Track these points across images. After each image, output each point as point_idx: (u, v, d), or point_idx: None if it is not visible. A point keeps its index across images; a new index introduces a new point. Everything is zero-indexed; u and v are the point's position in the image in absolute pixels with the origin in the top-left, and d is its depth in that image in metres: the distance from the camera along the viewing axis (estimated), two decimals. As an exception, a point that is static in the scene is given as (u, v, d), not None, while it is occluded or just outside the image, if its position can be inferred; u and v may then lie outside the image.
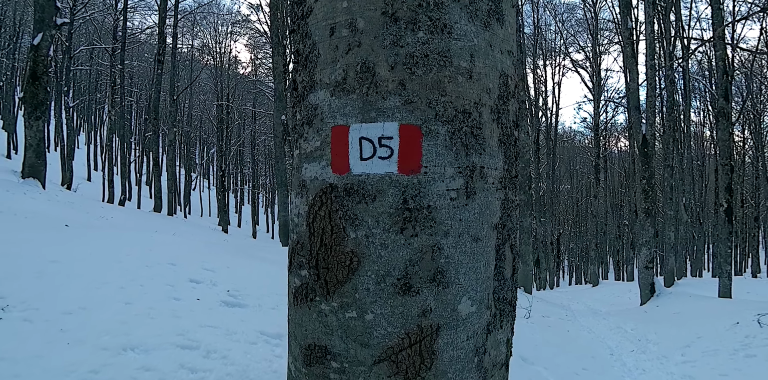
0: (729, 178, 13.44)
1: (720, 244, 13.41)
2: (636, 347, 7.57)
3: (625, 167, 30.37)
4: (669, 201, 19.72)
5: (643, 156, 13.44)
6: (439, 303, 0.95)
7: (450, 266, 0.96)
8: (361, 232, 0.97)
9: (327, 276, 1.01)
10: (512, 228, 1.11)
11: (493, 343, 1.05)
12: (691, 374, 6.09)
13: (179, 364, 2.48)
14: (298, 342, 1.08)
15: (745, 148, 32.32)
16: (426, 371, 0.95)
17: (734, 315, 7.80)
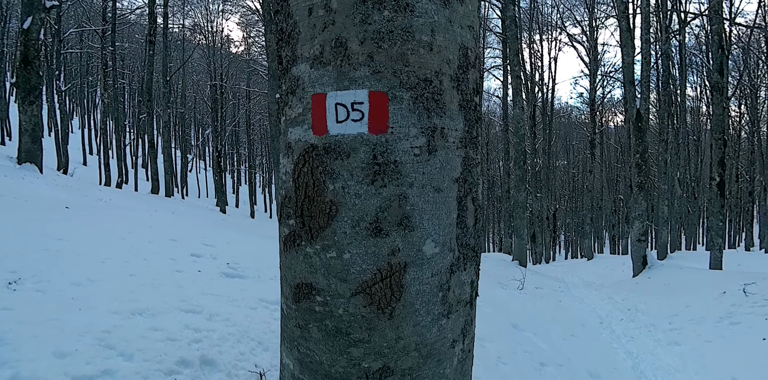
0: (722, 152, 13.60)
1: (712, 218, 13.66)
2: (625, 316, 7.86)
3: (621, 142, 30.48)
4: (663, 175, 19.93)
5: (637, 130, 13.54)
6: (405, 244, 1.12)
7: (415, 212, 1.13)
8: (338, 184, 1.13)
9: (310, 223, 1.17)
10: (473, 183, 1.27)
11: (456, 282, 1.22)
12: (677, 340, 6.37)
13: (184, 325, 2.67)
14: (288, 282, 1.26)
15: (741, 123, 32.36)
16: (396, 302, 1.12)
17: (722, 285, 8.06)
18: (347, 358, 1.15)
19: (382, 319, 1.12)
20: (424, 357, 1.16)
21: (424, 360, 1.16)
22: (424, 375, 1.17)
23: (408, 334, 1.14)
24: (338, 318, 1.15)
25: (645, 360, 5.65)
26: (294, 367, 1.27)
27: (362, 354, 1.14)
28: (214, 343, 2.58)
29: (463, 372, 1.29)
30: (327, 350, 1.17)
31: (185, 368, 2.26)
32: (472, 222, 1.27)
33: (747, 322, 6.27)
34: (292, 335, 1.27)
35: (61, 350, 2.17)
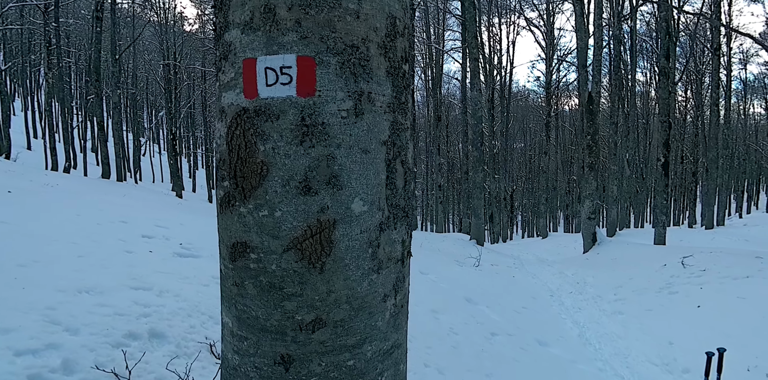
0: (667, 134, 14.26)
1: (658, 196, 14.38)
2: (574, 289, 8.25)
3: (575, 125, 31.39)
4: (613, 156, 20.73)
5: (589, 113, 13.97)
6: (334, 202, 1.18)
7: (343, 172, 1.19)
8: (269, 145, 1.18)
9: (243, 184, 1.22)
10: (402, 146, 1.33)
11: (386, 240, 1.30)
12: (620, 310, 6.76)
13: (133, 301, 2.67)
14: (225, 243, 1.30)
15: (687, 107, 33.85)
16: (326, 256, 1.19)
17: (663, 258, 8.56)
18: (281, 312, 1.21)
19: (313, 273, 1.19)
20: (355, 310, 1.24)
21: (355, 312, 1.24)
22: (356, 327, 1.24)
23: (339, 288, 1.21)
24: (272, 274, 1.21)
25: (590, 328, 5.99)
26: (233, 325, 1.32)
27: (295, 307, 1.20)
28: (164, 317, 2.59)
29: (396, 326, 1.37)
30: (262, 305, 1.23)
31: (133, 341, 2.28)
32: (401, 184, 1.34)
33: (684, 291, 6.71)
34: (229, 294, 1.32)
35: (4, 326, 2.14)
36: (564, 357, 4.58)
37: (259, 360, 1.25)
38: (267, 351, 1.24)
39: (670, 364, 4.70)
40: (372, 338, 1.28)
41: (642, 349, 5.17)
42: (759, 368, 4.29)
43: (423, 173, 37.05)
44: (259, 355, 1.25)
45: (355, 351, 1.25)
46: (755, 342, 4.73)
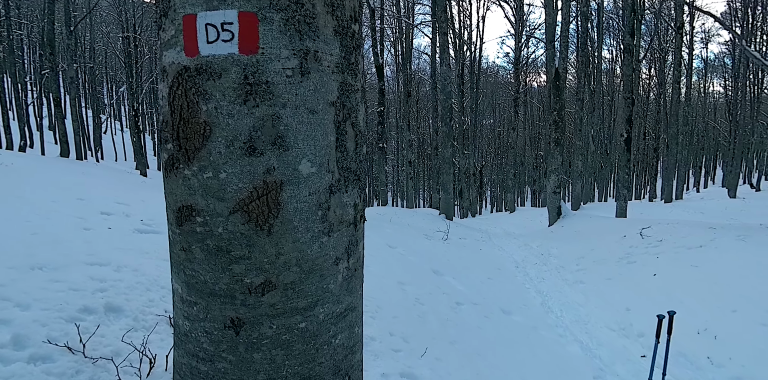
0: (630, 110, 14.56)
1: (619, 171, 14.78)
2: (539, 260, 8.49)
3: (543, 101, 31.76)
4: (579, 132, 21.09)
5: (555, 89, 14.11)
6: (281, 163, 1.16)
7: (289, 133, 1.16)
8: (211, 105, 1.14)
9: (187, 145, 1.18)
10: (352, 108, 1.31)
11: (337, 203, 1.29)
12: (582, 279, 7.00)
13: (89, 277, 2.60)
14: (171, 208, 1.27)
15: (651, 85, 34.58)
16: (274, 219, 1.17)
17: (623, 230, 8.85)
18: (230, 275, 1.20)
19: (261, 236, 1.17)
20: (306, 273, 1.23)
21: (306, 275, 1.23)
22: (307, 290, 1.24)
23: (288, 250, 1.20)
24: (218, 237, 1.18)
25: (553, 297, 6.19)
26: (182, 290, 1.30)
27: (244, 270, 1.19)
28: (121, 292, 2.55)
29: (350, 289, 1.37)
30: (210, 269, 1.21)
31: (88, 315, 2.23)
32: (352, 147, 1.33)
33: (642, 261, 6.98)
34: (178, 259, 1.29)
35: (-51, 304, 2.06)
36: (526, 324, 4.73)
37: (209, 324, 1.24)
38: (217, 316, 1.23)
39: (627, 329, 4.93)
40: (324, 301, 1.28)
41: (601, 316, 5.39)
42: (708, 331, 4.54)
43: (393, 149, 37.03)
44: (209, 320, 1.24)
45: (306, 313, 1.25)
46: (705, 307, 4.98)
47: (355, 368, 1.43)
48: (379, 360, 2.93)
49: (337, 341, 1.33)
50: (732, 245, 6.29)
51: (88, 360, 1.91)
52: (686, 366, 4.05)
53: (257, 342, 1.21)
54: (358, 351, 1.45)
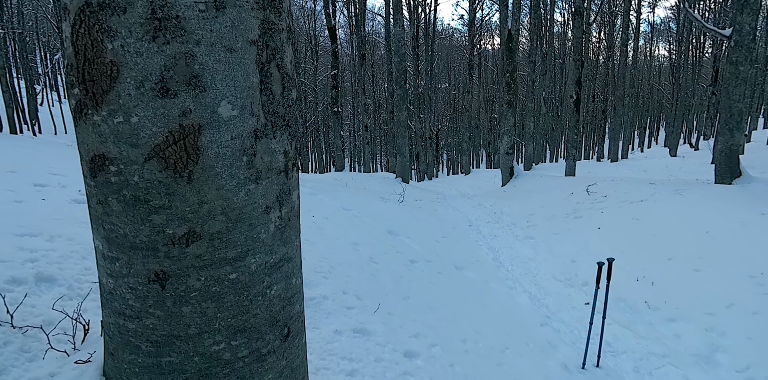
0: (579, 72, 14.80)
1: (569, 131, 15.15)
2: (492, 219, 8.71)
3: (498, 64, 31.83)
4: (531, 94, 21.42)
5: (508, 50, 14.09)
6: (198, 105, 1.08)
7: (205, 72, 1.08)
8: (117, 43, 1.04)
9: (94, 89, 1.08)
10: (277, 49, 1.23)
11: (264, 149, 1.22)
12: (532, 235, 7.24)
13: (18, 247, 2.45)
14: (84, 158, 1.17)
15: (600, 48, 35.16)
16: (193, 165, 1.10)
17: (571, 187, 9.15)
18: (150, 226, 1.13)
19: (180, 183, 1.10)
20: (233, 221, 1.18)
21: (233, 224, 1.18)
22: (235, 239, 1.19)
23: (212, 198, 1.14)
24: (135, 186, 1.11)
25: (504, 252, 6.40)
26: (103, 246, 1.23)
27: (165, 220, 1.12)
28: (54, 261, 2.42)
29: (284, 239, 1.33)
30: (129, 221, 1.14)
31: (17, 286, 2.11)
32: (279, 90, 1.25)
33: (587, 216, 7.26)
34: (96, 214, 1.21)
35: None
36: (478, 278, 4.89)
37: (133, 280, 1.18)
38: (140, 270, 1.17)
39: (572, 279, 5.17)
40: (255, 251, 1.23)
41: (549, 268, 5.63)
42: (646, 278, 4.82)
43: (350, 114, 36.54)
44: (132, 275, 1.18)
45: (237, 264, 1.20)
46: (644, 256, 5.28)
47: (294, 319, 1.41)
48: (332, 317, 2.95)
49: (273, 292, 1.30)
50: (670, 199, 6.62)
51: (17, 331, 1.82)
52: (626, 310, 4.31)
53: (185, 295, 1.17)
54: (297, 303, 1.43)
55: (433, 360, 2.76)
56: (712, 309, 4.02)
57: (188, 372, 1.21)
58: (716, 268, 4.58)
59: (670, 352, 3.59)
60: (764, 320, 3.74)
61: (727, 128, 7.29)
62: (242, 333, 1.24)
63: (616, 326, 4.05)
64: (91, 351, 1.66)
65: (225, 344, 1.22)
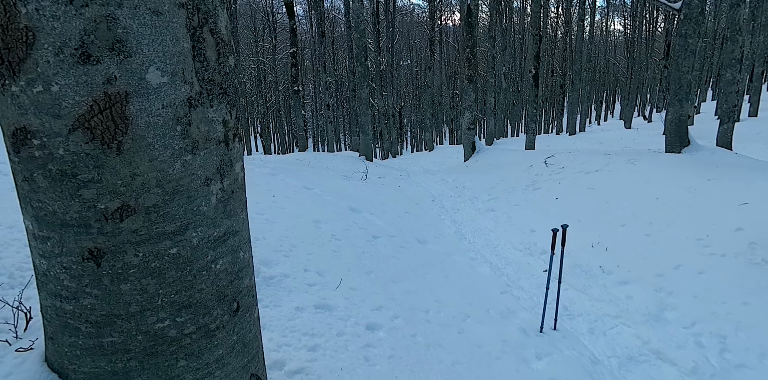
0: (537, 47, 14.92)
1: (528, 106, 15.37)
2: (454, 193, 8.81)
3: (459, 41, 31.75)
4: (491, 70, 21.52)
5: (468, 25, 14.02)
6: (123, 72, 1.02)
7: (129, 36, 1.01)
8: (31, 6, 0.96)
9: (9, 57, 1.00)
10: (209, 13, 1.17)
11: (201, 118, 1.17)
12: (492, 207, 7.37)
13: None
14: (5, 133, 1.10)
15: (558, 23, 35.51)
16: (122, 135, 1.05)
17: (531, 160, 9.32)
18: (80, 202, 1.07)
19: (110, 155, 1.05)
20: (170, 194, 1.13)
21: (170, 196, 1.14)
22: (173, 213, 1.15)
23: (145, 170, 1.09)
24: (60, 160, 1.05)
25: (466, 225, 6.50)
26: (33, 226, 1.16)
27: (95, 195, 1.07)
28: (-8, 249, 2.30)
29: (228, 212, 1.30)
30: (57, 197, 1.08)
31: (-47, 274, 2.00)
32: (214, 57, 1.20)
33: (545, 187, 7.44)
34: (23, 191, 1.14)
35: None
36: (440, 251, 4.96)
37: (66, 259, 1.13)
38: (73, 248, 1.11)
39: (531, 248, 5.32)
40: (196, 224, 1.20)
41: (509, 239, 5.76)
42: (600, 244, 5.00)
43: (311, 93, 35.92)
44: (65, 254, 1.13)
45: (177, 238, 1.16)
46: (599, 223, 5.47)
47: (244, 293, 1.39)
48: (293, 294, 2.94)
49: (219, 266, 1.27)
50: (623, 168, 6.85)
51: (-46, 321, 1.73)
52: (581, 275, 4.47)
53: (123, 272, 1.13)
54: (246, 277, 1.41)
55: (395, 331, 2.80)
56: (661, 270, 4.22)
57: (132, 351, 1.18)
58: (665, 232, 4.80)
59: (622, 313, 3.76)
60: (709, 279, 3.95)
61: (676, 99, 7.54)
62: (188, 309, 1.21)
63: (572, 291, 4.21)
64: (33, 339, 1.60)
65: (170, 321, 1.19)
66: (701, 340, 3.32)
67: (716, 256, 4.19)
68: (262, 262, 3.20)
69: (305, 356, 2.32)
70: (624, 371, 3.07)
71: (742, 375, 2.97)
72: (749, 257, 4.05)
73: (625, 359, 3.19)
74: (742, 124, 16.74)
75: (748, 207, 4.73)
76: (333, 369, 2.27)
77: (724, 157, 7.09)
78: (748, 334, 3.28)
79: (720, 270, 4.01)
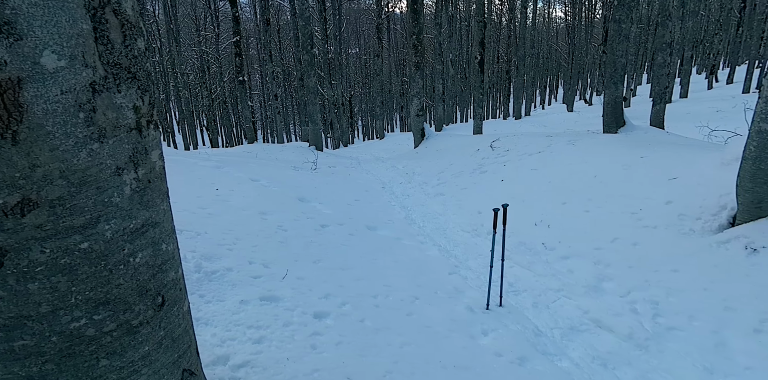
0: (482, 33, 15.11)
1: (474, 92, 15.60)
2: (404, 179, 8.87)
3: (406, 28, 31.73)
4: (439, 57, 21.64)
5: (413, 12, 14.02)
6: (14, 56, 0.95)
7: (19, 18, 0.94)
8: None
9: None
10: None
11: (107, 104, 1.11)
12: (442, 191, 7.48)
13: None
14: None
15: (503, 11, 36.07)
16: (17, 124, 0.97)
17: (477, 144, 9.50)
18: (-27, 197, 1.00)
19: (5, 146, 0.97)
20: (76, 186, 1.07)
21: (77, 188, 1.07)
22: (81, 205, 1.09)
23: (46, 161, 1.02)
24: (-55, 153, 0.96)
25: (416, 210, 6.57)
26: (-76, 225, 1.07)
27: (-10, 189, 1.00)
28: None
29: (145, 203, 1.24)
30: (-54, 193, 1.00)
31: None
32: (119, 39, 1.13)
33: (492, 170, 7.62)
34: None
35: None
36: (390, 236, 5.00)
37: (-36, 258, 1.05)
38: (-30, 247, 1.04)
39: (478, 229, 5.45)
40: (109, 216, 1.14)
41: (457, 221, 5.88)
42: (543, 221, 5.18)
43: (258, 84, 35.06)
44: (-39, 254, 1.05)
45: (87, 231, 1.10)
46: (542, 202, 5.66)
47: (169, 287, 1.34)
48: (238, 288, 2.89)
49: (138, 260, 1.22)
50: (564, 149, 7.09)
51: None
52: (526, 252, 4.63)
53: (29, 270, 1.06)
54: (172, 270, 1.36)
55: (344, 317, 2.81)
56: (599, 244, 4.42)
57: (47, 354, 1.12)
58: (603, 208, 5.02)
59: (564, 286, 3.92)
60: (642, 250, 4.18)
61: (612, 82, 7.85)
62: (105, 305, 1.15)
63: (518, 268, 4.35)
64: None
65: (86, 319, 1.13)
66: (636, 307, 3.51)
67: (649, 228, 4.43)
68: (204, 257, 3.12)
69: (250, 349, 2.29)
70: (566, 340, 3.21)
71: (673, 337, 3.18)
72: (678, 227, 4.30)
73: (567, 329, 3.34)
74: (674, 105, 17.68)
75: (677, 182, 5.01)
76: (279, 359, 2.25)
77: (656, 136, 7.47)
78: (678, 299, 3.50)
79: (652, 241, 4.25)
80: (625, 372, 2.89)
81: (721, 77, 28.59)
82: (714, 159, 5.18)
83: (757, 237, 3.70)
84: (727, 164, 4.84)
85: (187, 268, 2.93)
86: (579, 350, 3.10)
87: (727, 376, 2.80)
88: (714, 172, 4.92)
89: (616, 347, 3.12)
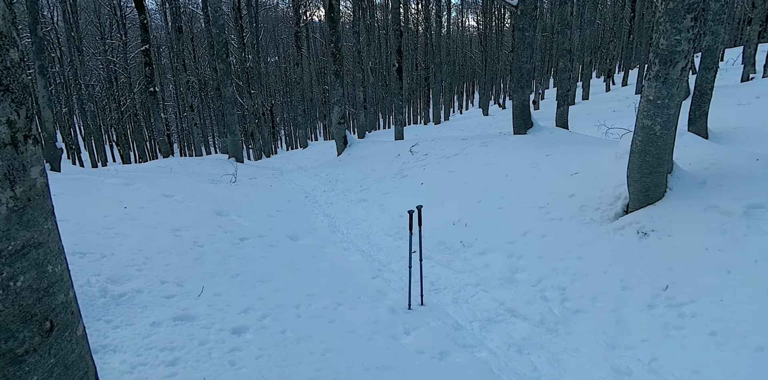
0: (399, 41, 15.52)
1: (395, 98, 15.95)
2: (327, 187, 8.87)
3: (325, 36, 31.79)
4: (358, 64, 21.92)
5: (331, 21, 14.11)
6: None
7: None
8: None
9: None
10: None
11: (-27, 122, 1.05)
12: (365, 197, 7.56)
13: None
14: None
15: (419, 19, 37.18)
16: None
17: (398, 150, 9.71)
18: None
19: None
20: (-62, 208, 1.01)
21: (-61, 211, 1.01)
22: (-53, 229, 1.02)
23: None
24: None
25: (339, 218, 6.60)
26: None
27: None
28: None
29: (26, 222, 1.18)
30: None
31: None
32: None
33: (412, 174, 7.82)
34: None
35: None
36: (313, 245, 4.98)
37: None
38: None
39: (400, 232, 5.57)
40: (-19, 239, 1.08)
41: (380, 226, 5.97)
42: (461, 221, 5.40)
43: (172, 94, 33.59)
44: None
45: (-45, 256, 1.04)
46: (459, 202, 5.90)
47: (59, 311, 1.28)
48: (148, 310, 2.77)
49: (20, 284, 1.16)
50: (478, 150, 7.44)
51: None
52: (445, 251, 4.80)
53: None
54: (61, 292, 1.30)
55: (264, 330, 2.78)
56: (512, 238, 4.68)
57: None
58: (514, 204, 5.33)
59: (481, 280, 4.12)
60: (550, 241, 4.48)
61: (519, 86, 8.35)
62: (-19, 334, 1.09)
63: (438, 267, 4.50)
64: None
65: (-41, 350, 1.06)
66: (546, 294, 3.76)
67: (555, 220, 4.76)
68: (111, 280, 2.96)
69: (164, 372, 2.21)
70: (484, 332, 3.37)
71: (580, 318, 3.43)
72: (581, 218, 4.66)
73: (485, 321, 3.51)
74: (577, 106, 19.07)
75: (578, 176, 5.43)
76: None
77: (560, 135, 8.04)
78: (582, 283, 3.79)
79: (559, 232, 4.57)
80: (538, 356, 3.08)
81: (618, 80, 31.24)
82: (609, 154, 5.67)
83: (646, 222, 4.10)
84: (620, 158, 5.32)
85: (91, 293, 2.77)
86: (496, 339, 3.27)
87: (627, 349, 3.07)
88: (609, 165, 5.38)
89: (530, 333, 3.32)
